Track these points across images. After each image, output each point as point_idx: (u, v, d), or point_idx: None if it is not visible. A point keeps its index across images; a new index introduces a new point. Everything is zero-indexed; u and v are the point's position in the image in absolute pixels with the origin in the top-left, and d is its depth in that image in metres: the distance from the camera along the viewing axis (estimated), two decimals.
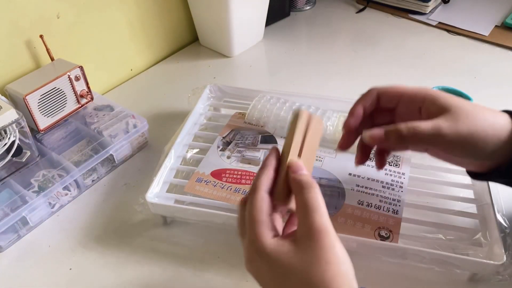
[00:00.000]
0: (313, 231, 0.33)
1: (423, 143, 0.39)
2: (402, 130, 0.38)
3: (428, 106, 0.40)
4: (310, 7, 1.04)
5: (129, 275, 0.50)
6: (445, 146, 0.38)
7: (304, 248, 0.33)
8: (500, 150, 0.38)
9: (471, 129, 0.37)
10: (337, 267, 0.32)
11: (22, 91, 0.59)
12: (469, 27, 0.90)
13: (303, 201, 0.34)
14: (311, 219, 0.33)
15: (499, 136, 0.38)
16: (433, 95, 0.40)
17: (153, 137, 0.68)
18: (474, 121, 0.38)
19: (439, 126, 0.37)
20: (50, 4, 0.67)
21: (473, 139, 0.37)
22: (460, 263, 0.46)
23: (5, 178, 0.57)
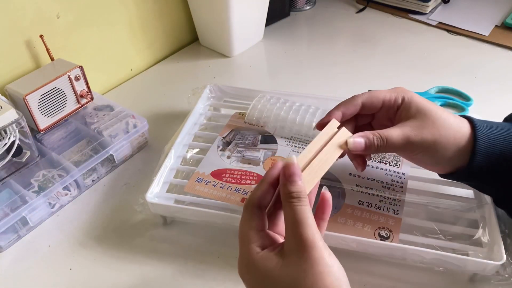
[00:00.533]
0: (300, 245, 0.32)
1: (393, 151, 0.44)
2: (377, 144, 0.42)
3: (402, 111, 0.44)
4: (310, 7, 1.04)
5: (129, 275, 0.50)
6: (411, 151, 0.42)
7: (291, 261, 0.32)
8: (457, 158, 0.42)
9: (435, 136, 0.41)
10: (326, 280, 0.32)
11: (22, 91, 0.59)
12: (469, 27, 0.90)
13: (290, 213, 0.34)
14: (299, 232, 0.33)
15: (458, 144, 0.41)
16: (408, 100, 0.43)
17: (153, 137, 0.68)
18: (439, 129, 0.41)
19: (407, 135, 0.41)
20: (50, 4, 0.67)
21: (435, 146, 0.41)
22: (460, 263, 0.46)
23: (5, 178, 0.57)
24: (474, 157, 0.41)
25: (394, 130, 0.41)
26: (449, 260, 0.46)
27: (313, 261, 0.32)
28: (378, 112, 0.46)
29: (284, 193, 0.35)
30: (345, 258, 0.50)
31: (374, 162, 0.57)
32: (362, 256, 0.50)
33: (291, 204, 0.34)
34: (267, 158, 0.58)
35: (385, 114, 0.46)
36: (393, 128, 0.42)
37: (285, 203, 0.34)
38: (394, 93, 0.44)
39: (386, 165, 0.56)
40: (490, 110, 0.71)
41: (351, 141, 0.41)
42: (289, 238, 0.33)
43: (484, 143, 0.41)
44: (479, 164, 0.41)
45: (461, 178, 0.45)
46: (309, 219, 0.33)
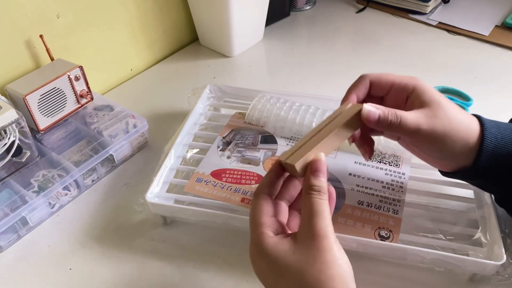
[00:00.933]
0: (313, 234, 0.34)
1: (403, 134, 0.41)
2: (390, 120, 0.40)
3: (414, 98, 0.42)
4: (310, 7, 1.04)
5: (129, 275, 0.50)
6: (419, 140, 0.41)
7: (302, 248, 0.34)
8: (463, 155, 0.41)
9: (446, 129, 0.39)
10: (333, 269, 0.32)
11: (22, 91, 0.59)
12: (469, 27, 0.90)
13: (309, 204, 0.35)
14: (313, 222, 0.34)
15: (467, 141, 0.40)
16: (421, 88, 0.42)
17: (153, 137, 0.68)
18: (450, 122, 0.40)
19: (419, 121, 0.39)
20: (50, 4, 0.67)
21: (444, 139, 0.40)
22: (460, 263, 0.46)
23: (5, 178, 0.57)
24: (480, 155, 0.40)
25: (407, 113, 0.40)
26: (449, 260, 0.46)
27: (323, 250, 0.33)
28: (387, 95, 0.44)
29: (307, 185, 0.36)
30: None
31: (374, 162, 0.57)
32: (362, 256, 0.50)
33: (312, 196, 0.35)
34: (267, 158, 0.58)
35: (394, 98, 0.44)
36: (407, 112, 0.40)
37: (306, 194, 0.36)
38: (405, 79, 0.43)
39: (386, 165, 0.56)
40: (490, 110, 0.71)
41: (366, 108, 0.40)
42: (304, 227, 0.35)
43: (491, 142, 0.40)
44: (485, 163, 0.40)
45: (465, 177, 0.44)
46: (325, 212, 0.35)
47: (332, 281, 0.32)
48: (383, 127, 0.40)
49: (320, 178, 0.37)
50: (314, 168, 0.37)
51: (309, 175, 0.37)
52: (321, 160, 0.37)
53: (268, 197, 0.38)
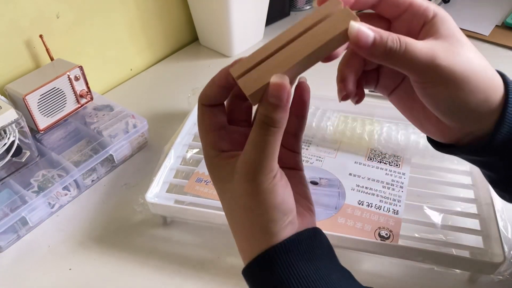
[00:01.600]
0: (249, 174, 0.29)
1: (410, 70, 0.30)
2: (390, 46, 0.29)
3: (430, 27, 0.31)
4: (310, 6, 1.04)
5: (129, 275, 0.50)
6: (431, 78, 0.30)
7: (236, 181, 0.30)
8: (480, 114, 0.32)
9: (467, 70, 0.30)
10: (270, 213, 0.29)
11: (21, 91, 0.59)
12: (470, 27, 0.90)
13: (259, 140, 0.28)
14: (256, 161, 0.28)
15: (488, 96, 0.31)
16: (443, 16, 0.32)
17: (153, 137, 0.68)
18: (471, 64, 0.30)
19: (435, 53, 0.29)
20: (49, 4, 0.67)
21: (462, 83, 0.30)
22: (460, 263, 0.46)
23: (5, 178, 0.57)
24: (502, 123, 0.31)
25: (419, 42, 0.30)
26: (449, 260, 0.46)
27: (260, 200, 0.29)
28: (398, 19, 0.33)
29: (260, 115, 0.28)
30: (345, 258, 0.50)
31: (374, 162, 0.57)
32: (362, 256, 0.50)
33: (266, 132, 0.28)
34: None
35: (406, 24, 0.33)
36: (419, 41, 0.30)
37: (256, 125, 0.28)
38: (425, 2, 0.33)
39: (386, 165, 0.56)
40: None
41: (355, 27, 0.28)
42: (244, 165, 0.29)
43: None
44: (504, 134, 0.32)
45: (471, 151, 0.34)
46: (275, 154, 0.29)
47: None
48: (380, 57, 0.29)
49: (286, 108, 0.28)
50: (273, 95, 0.27)
51: (265, 104, 0.28)
52: (285, 85, 0.27)
53: (207, 108, 0.31)
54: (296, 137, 0.34)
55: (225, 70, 0.30)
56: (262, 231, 0.29)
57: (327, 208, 0.51)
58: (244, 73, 0.29)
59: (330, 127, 0.60)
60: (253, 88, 0.28)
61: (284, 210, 0.29)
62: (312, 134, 0.61)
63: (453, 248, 0.48)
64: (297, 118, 0.33)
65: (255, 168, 0.28)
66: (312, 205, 0.34)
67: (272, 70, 0.28)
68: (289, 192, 0.30)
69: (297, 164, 0.34)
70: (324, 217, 0.50)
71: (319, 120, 0.61)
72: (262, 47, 0.29)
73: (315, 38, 0.28)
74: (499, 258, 0.44)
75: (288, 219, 0.29)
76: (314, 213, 0.33)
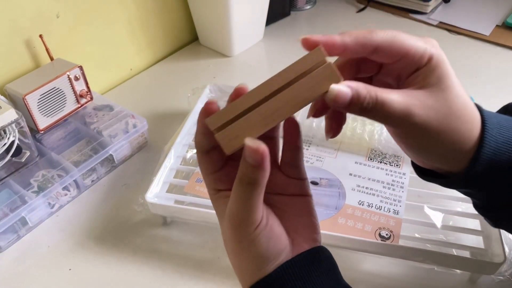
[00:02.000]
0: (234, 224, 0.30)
1: (385, 122, 0.31)
2: (366, 105, 0.29)
3: (419, 76, 0.31)
4: (311, 6, 1.04)
5: (129, 275, 0.50)
6: (404, 130, 0.31)
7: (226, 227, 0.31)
8: (455, 159, 0.32)
9: (443, 124, 0.30)
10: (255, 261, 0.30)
11: (21, 90, 0.59)
12: (470, 27, 0.90)
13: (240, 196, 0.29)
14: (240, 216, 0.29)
15: (464, 143, 0.31)
16: (433, 65, 0.32)
17: (152, 137, 0.68)
18: (450, 118, 0.30)
19: (411, 109, 0.29)
20: (49, 4, 0.67)
21: (437, 136, 0.31)
22: (461, 263, 0.46)
23: (5, 178, 0.57)
24: (475, 164, 0.32)
25: (396, 95, 0.29)
26: (450, 260, 0.45)
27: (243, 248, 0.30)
28: (390, 64, 0.32)
29: (242, 173, 0.28)
30: (346, 258, 0.50)
31: (374, 163, 0.57)
32: (363, 256, 0.50)
33: (246, 189, 0.28)
34: None
35: (397, 70, 0.32)
36: (397, 92, 0.30)
37: (238, 182, 0.28)
38: (423, 46, 0.32)
39: (386, 165, 0.56)
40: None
41: (335, 89, 0.28)
42: (230, 207, 0.30)
43: (491, 148, 0.32)
44: (478, 172, 0.32)
45: (448, 185, 0.35)
46: (256, 207, 0.29)
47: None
48: (356, 113, 0.30)
49: (255, 170, 0.27)
50: (249, 156, 0.27)
51: (243, 162, 0.28)
52: (257, 149, 0.27)
53: (201, 154, 0.31)
54: (296, 167, 0.33)
55: (203, 120, 0.29)
56: (250, 272, 0.30)
57: (327, 208, 0.51)
58: (222, 126, 0.28)
59: None
60: (231, 147, 0.28)
61: (269, 257, 0.29)
62: (312, 134, 0.61)
63: (454, 248, 0.48)
64: (292, 150, 0.33)
65: (237, 219, 0.29)
66: (317, 234, 0.32)
67: (251, 128, 0.28)
68: (277, 237, 0.30)
69: (303, 190, 0.33)
70: (324, 218, 0.50)
71: (320, 120, 0.60)
72: (242, 96, 0.29)
73: (297, 97, 0.28)
74: (499, 258, 0.44)
75: (276, 262, 0.30)
76: (318, 242, 0.32)
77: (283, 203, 0.33)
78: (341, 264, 0.34)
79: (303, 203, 0.33)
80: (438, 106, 0.30)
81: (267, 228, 0.29)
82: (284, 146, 0.33)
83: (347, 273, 0.46)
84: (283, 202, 0.33)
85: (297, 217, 0.32)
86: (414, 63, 0.32)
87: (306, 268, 0.30)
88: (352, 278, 0.49)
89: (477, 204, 0.37)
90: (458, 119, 0.31)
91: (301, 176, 0.33)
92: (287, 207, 0.33)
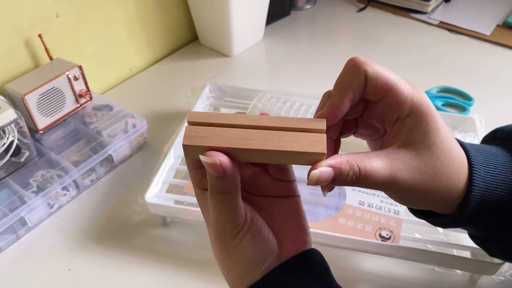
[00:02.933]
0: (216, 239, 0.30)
1: (370, 188, 0.32)
2: (350, 180, 0.29)
3: (404, 126, 0.30)
4: (311, 6, 1.04)
5: (129, 275, 0.50)
6: (392, 192, 0.31)
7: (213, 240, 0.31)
8: (444, 206, 0.32)
9: (427, 184, 0.30)
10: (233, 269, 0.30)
11: (20, 90, 0.59)
12: (471, 27, 0.90)
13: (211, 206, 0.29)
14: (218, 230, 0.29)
15: (452, 193, 0.31)
16: (423, 117, 0.30)
17: (152, 137, 0.68)
18: (436, 177, 0.30)
19: (395, 176, 0.29)
20: (49, 4, 0.67)
21: (424, 194, 0.31)
22: (461, 264, 0.45)
23: (4, 178, 0.57)
24: (465, 209, 0.32)
25: (380, 162, 0.29)
26: (450, 260, 0.45)
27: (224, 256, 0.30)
28: (375, 104, 0.32)
29: (209, 183, 0.28)
30: (346, 259, 0.50)
31: None
32: (363, 256, 0.50)
33: (218, 198, 0.28)
34: None
35: (381, 111, 0.31)
36: (381, 157, 0.29)
37: (209, 191, 0.28)
38: (409, 89, 0.30)
39: None
40: (491, 109, 0.70)
41: (316, 172, 0.27)
42: (212, 219, 0.30)
43: (480, 191, 0.31)
44: (468, 214, 0.32)
45: (440, 225, 0.35)
46: (234, 213, 0.28)
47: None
48: (341, 185, 0.30)
49: (220, 180, 0.27)
50: (210, 169, 0.27)
51: (207, 172, 0.28)
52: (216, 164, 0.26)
53: (192, 168, 0.31)
54: (284, 170, 0.32)
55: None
56: (238, 277, 0.30)
57: (328, 208, 0.51)
58: (198, 124, 0.28)
59: None
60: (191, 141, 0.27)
61: (255, 261, 0.29)
62: None
63: (454, 248, 0.47)
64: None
65: (218, 226, 0.29)
66: (306, 235, 0.32)
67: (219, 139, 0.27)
68: (263, 240, 0.29)
69: (291, 191, 0.32)
70: (325, 218, 0.50)
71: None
72: (234, 114, 0.29)
73: (277, 141, 0.27)
74: None
75: (264, 267, 0.29)
76: (308, 243, 0.31)
77: (270, 205, 0.32)
78: (341, 264, 0.34)
79: (291, 204, 0.32)
80: (423, 167, 0.30)
81: (252, 230, 0.29)
82: None
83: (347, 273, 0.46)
84: (270, 203, 0.32)
85: (285, 219, 0.31)
86: (393, 109, 0.31)
87: (296, 274, 0.29)
88: (352, 278, 0.49)
89: (472, 235, 0.37)
90: (444, 175, 0.31)
91: (289, 178, 0.32)
92: (275, 209, 0.32)
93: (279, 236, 0.31)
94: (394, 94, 0.30)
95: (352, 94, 0.31)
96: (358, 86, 0.31)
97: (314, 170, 0.28)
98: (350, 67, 0.32)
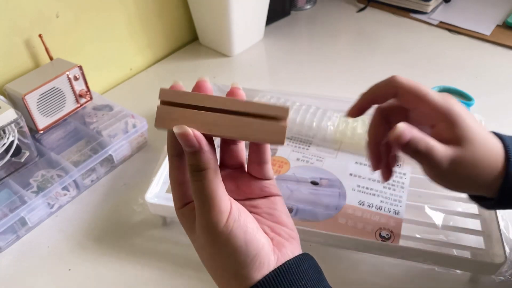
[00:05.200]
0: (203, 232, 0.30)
1: (425, 164, 0.36)
2: (421, 148, 0.34)
3: (443, 129, 0.36)
4: (311, 6, 1.04)
5: (129, 275, 0.50)
6: (435, 173, 0.37)
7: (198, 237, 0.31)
8: (485, 187, 0.37)
9: (469, 172, 0.35)
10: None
11: (21, 90, 0.59)
12: (471, 27, 0.90)
13: (193, 190, 0.29)
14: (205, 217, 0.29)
15: (490, 177, 0.36)
16: (453, 119, 0.35)
17: (152, 137, 0.68)
18: (476, 166, 0.35)
19: (449, 156, 0.35)
20: (49, 3, 0.67)
21: (465, 179, 0.36)
22: (461, 264, 0.45)
23: (4, 178, 0.57)
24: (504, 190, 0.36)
25: (441, 146, 0.35)
26: (450, 260, 0.45)
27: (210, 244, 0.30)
28: (412, 112, 0.39)
29: (188, 164, 0.29)
30: (346, 258, 0.50)
31: None
32: (363, 256, 0.50)
33: (198, 178, 0.28)
34: None
35: (419, 119, 0.38)
36: (441, 145, 0.35)
37: (190, 175, 0.29)
38: (437, 100, 0.36)
39: None
40: (492, 109, 0.70)
41: (401, 127, 0.33)
42: (196, 209, 0.29)
43: None
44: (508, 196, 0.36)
45: (485, 206, 0.40)
46: (218, 195, 0.28)
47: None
48: (409, 154, 0.35)
49: (196, 155, 0.28)
50: (183, 144, 0.28)
51: (185, 153, 0.29)
52: (184, 133, 0.28)
53: (174, 158, 0.31)
54: (263, 164, 0.33)
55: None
56: (234, 277, 0.29)
57: (328, 208, 0.51)
58: (170, 104, 0.30)
59: (330, 127, 0.60)
60: (163, 125, 0.30)
61: (250, 252, 0.28)
62: (313, 134, 0.61)
63: (454, 248, 0.47)
64: (257, 147, 0.33)
65: (204, 216, 0.28)
66: (293, 231, 0.32)
67: (189, 122, 0.29)
68: (254, 231, 0.29)
69: (272, 190, 0.33)
70: (325, 218, 0.50)
71: (320, 120, 0.60)
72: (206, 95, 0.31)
73: (240, 127, 0.29)
74: (500, 259, 0.44)
75: (259, 260, 0.28)
76: (296, 239, 0.32)
77: (254, 207, 0.32)
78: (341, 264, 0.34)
79: (274, 203, 0.33)
80: (466, 155, 0.35)
81: (241, 220, 0.28)
82: (250, 147, 0.33)
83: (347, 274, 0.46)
84: (254, 206, 0.33)
85: (270, 218, 0.32)
86: (428, 114, 0.37)
87: (293, 277, 0.29)
88: (352, 278, 0.49)
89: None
90: (483, 163, 0.36)
91: (268, 176, 0.33)
92: (259, 210, 0.32)
93: (269, 235, 0.31)
94: (425, 103, 0.36)
95: (373, 96, 0.39)
96: (384, 93, 0.38)
97: (400, 124, 0.34)
98: (388, 78, 0.38)
